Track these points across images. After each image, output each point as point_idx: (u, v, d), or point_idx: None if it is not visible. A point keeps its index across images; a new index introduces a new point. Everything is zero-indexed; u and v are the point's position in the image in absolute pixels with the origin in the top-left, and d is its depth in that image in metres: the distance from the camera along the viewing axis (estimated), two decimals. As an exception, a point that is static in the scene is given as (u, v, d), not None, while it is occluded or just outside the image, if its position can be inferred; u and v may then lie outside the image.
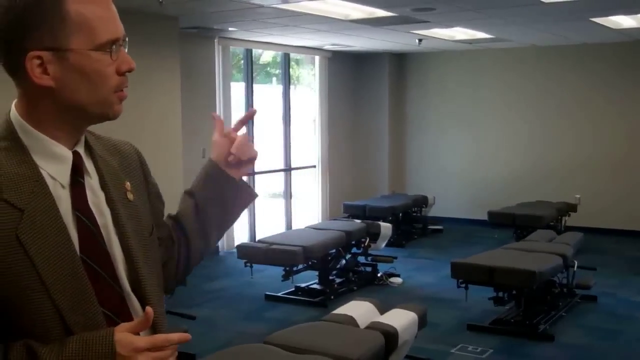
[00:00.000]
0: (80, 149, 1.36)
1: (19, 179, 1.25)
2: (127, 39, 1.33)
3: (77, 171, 1.34)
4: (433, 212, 10.39)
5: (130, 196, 1.43)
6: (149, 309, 1.27)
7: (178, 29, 7.16)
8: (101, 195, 1.37)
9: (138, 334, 1.27)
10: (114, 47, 1.29)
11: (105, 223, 1.36)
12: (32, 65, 1.24)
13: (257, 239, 8.79)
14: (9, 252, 1.21)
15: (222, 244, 8.73)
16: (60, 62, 1.25)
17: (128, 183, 1.44)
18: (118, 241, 1.36)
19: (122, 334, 1.25)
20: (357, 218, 8.50)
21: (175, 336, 1.29)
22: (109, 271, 1.33)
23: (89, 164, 1.38)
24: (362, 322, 3.98)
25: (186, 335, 1.31)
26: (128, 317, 1.34)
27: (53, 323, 1.23)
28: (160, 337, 1.28)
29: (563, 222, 9.28)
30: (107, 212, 1.37)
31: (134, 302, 1.37)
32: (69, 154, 1.32)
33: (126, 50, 1.33)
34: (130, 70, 1.32)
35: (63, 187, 1.31)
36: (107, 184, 1.39)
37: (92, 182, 1.37)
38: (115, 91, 1.31)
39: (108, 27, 1.27)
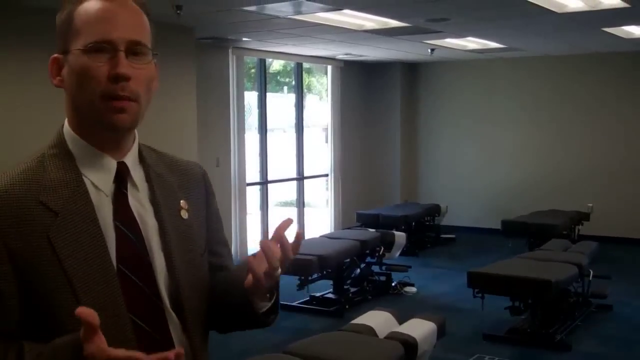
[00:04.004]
0: (129, 161, 1.37)
1: (59, 183, 1.29)
2: (140, 47, 1.30)
3: (121, 181, 1.35)
4: (446, 221, 10.40)
5: (184, 214, 1.42)
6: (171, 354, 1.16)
7: (194, 39, 7.23)
8: (149, 209, 1.37)
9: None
10: (102, 48, 1.26)
11: (150, 236, 1.35)
12: (50, 65, 1.33)
13: (270, 247, 8.80)
14: (40, 253, 1.24)
15: (235, 252, 8.76)
16: (66, 64, 1.30)
17: (184, 202, 1.43)
18: (163, 256, 1.36)
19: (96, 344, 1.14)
20: (370, 227, 8.52)
21: (154, 357, 1.16)
22: (149, 283, 1.33)
23: (138, 177, 1.38)
24: (381, 332, 3.99)
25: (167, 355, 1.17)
26: (165, 332, 1.34)
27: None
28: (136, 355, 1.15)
29: (576, 231, 9.27)
30: (153, 226, 1.37)
31: (174, 318, 1.36)
32: (112, 164, 1.34)
33: (141, 58, 1.31)
34: (117, 77, 1.25)
35: (106, 195, 1.32)
36: (157, 198, 1.39)
37: (139, 194, 1.37)
38: (104, 97, 1.26)
39: (98, 29, 1.26)
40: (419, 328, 4.03)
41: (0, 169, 1.33)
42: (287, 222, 1.33)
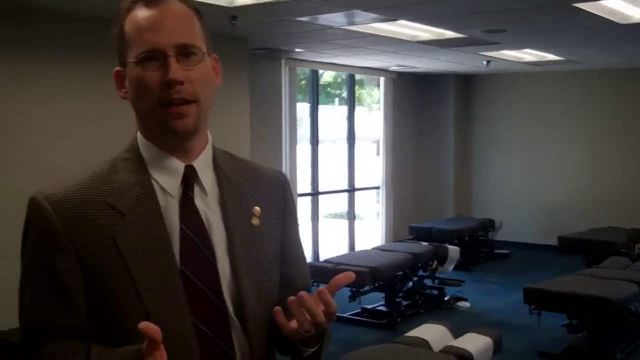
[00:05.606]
0: (199, 164, 1.37)
1: (127, 186, 1.30)
2: (190, 51, 1.31)
3: (188, 184, 1.35)
4: (499, 236, 10.22)
5: (255, 221, 1.40)
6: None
7: (248, 49, 7.26)
8: (217, 213, 1.37)
9: None
10: (152, 57, 1.28)
11: (216, 240, 1.35)
12: (115, 79, 1.36)
13: (320, 258, 8.78)
14: (105, 253, 1.25)
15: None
16: (126, 76, 1.32)
17: (257, 208, 1.41)
18: (228, 261, 1.35)
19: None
20: (422, 240, 8.41)
21: None
22: (213, 287, 1.32)
23: (209, 181, 1.38)
24: (436, 346, 3.92)
25: None
26: (227, 337, 1.33)
27: (138, 328, 1.21)
28: None
29: (635, 249, 8.98)
30: (220, 230, 1.36)
31: (237, 324, 1.34)
32: (180, 167, 1.35)
33: (193, 59, 1.31)
34: (169, 82, 1.27)
35: (173, 198, 1.33)
36: (226, 203, 1.38)
37: (208, 198, 1.37)
38: (162, 104, 1.28)
39: (146, 38, 1.28)
40: (475, 343, 3.95)
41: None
42: (347, 278, 1.33)
